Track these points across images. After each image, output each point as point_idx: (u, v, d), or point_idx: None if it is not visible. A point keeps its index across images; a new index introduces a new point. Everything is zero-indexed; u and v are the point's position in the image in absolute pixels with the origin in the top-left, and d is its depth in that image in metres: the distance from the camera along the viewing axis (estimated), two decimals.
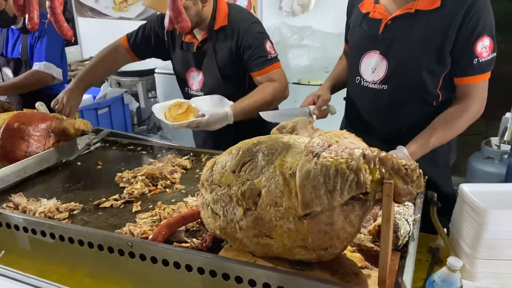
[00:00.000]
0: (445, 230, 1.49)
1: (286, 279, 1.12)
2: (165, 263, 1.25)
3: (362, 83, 1.89)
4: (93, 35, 5.55)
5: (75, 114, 2.30)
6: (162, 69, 4.49)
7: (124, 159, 2.09)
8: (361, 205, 1.09)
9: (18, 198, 1.67)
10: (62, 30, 1.64)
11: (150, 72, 4.72)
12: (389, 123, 1.89)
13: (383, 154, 1.08)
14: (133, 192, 1.71)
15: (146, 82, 4.93)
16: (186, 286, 1.25)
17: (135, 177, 1.82)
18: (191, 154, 2.08)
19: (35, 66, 3.00)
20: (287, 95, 2.31)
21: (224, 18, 2.24)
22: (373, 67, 1.83)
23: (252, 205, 1.18)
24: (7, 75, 3.08)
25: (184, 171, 1.93)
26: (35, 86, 3.02)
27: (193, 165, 1.98)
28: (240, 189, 1.19)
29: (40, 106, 2.30)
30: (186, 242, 1.36)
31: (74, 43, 5.60)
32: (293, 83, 4.11)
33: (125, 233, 1.42)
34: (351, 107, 2.05)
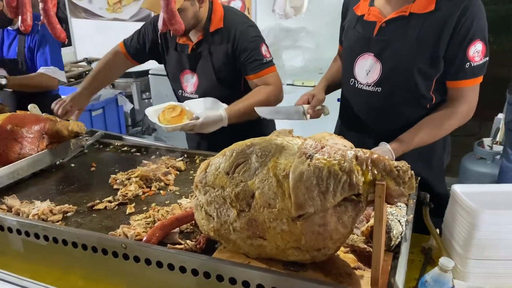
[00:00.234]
0: (438, 230, 1.51)
1: (279, 280, 1.13)
2: (159, 264, 1.25)
3: (356, 85, 1.89)
4: (87, 36, 5.54)
5: (70, 116, 2.29)
6: (156, 71, 4.49)
7: (118, 160, 2.08)
8: (354, 206, 1.10)
9: (11, 200, 1.67)
10: (55, 32, 1.63)
11: (145, 74, 4.71)
12: (383, 125, 1.89)
13: (375, 155, 1.09)
14: (127, 194, 1.71)
15: (141, 83, 4.92)
16: (180, 287, 1.25)
17: (129, 178, 1.82)
18: (185, 155, 2.08)
19: (42, 70, 3.00)
20: (281, 98, 2.31)
21: (220, 20, 2.23)
22: (367, 69, 1.83)
23: (245, 207, 1.18)
24: (2, 75, 3.06)
25: (178, 172, 1.93)
26: (39, 87, 3.02)
27: (187, 167, 1.99)
28: (234, 190, 1.20)
29: (33, 108, 2.29)
30: (180, 244, 1.36)
31: (68, 44, 5.59)
32: (287, 84, 4.12)
33: (119, 235, 1.42)
34: (345, 109, 2.05)
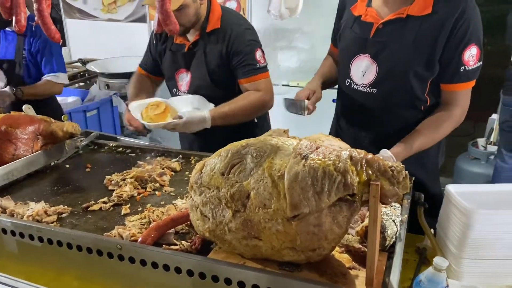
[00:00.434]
0: (432, 230, 1.51)
1: (275, 281, 1.13)
2: (155, 265, 1.25)
3: (352, 86, 1.89)
4: (82, 37, 5.52)
5: (64, 116, 2.28)
6: None
7: (113, 161, 2.08)
8: (349, 206, 1.10)
9: (6, 202, 1.66)
10: (50, 32, 1.63)
11: None
12: (378, 126, 1.90)
13: (370, 156, 1.09)
14: (122, 194, 1.71)
15: None
16: None
17: (124, 179, 1.81)
18: (180, 156, 2.08)
19: (49, 77, 3.00)
20: (271, 105, 2.30)
21: (217, 20, 2.23)
22: (363, 70, 1.84)
23: (241, 207, 1.19)
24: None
25: (173, 173, 1.92)
26: (46, 95, 3.02)
27: (182, 168, 1.98)
28: (229, 191, 1.20)
29: (28, 109, 2.28)
30: (175, 245, 1.36)
31: (63, 45, 5.56)
32: (283, 85, 4.13)
33: (114, 236, 1.42)
34: (341, 109, 2.06)
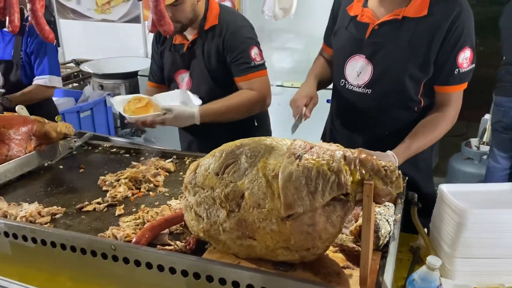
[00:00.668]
0: (426, 230, 1.52)
1: (269, 280, 1.13)
2: (149, 266, 1.25)
3: (346, 86, 1.90)
4: (75, 37, 5.50)
5: (57, 117, 2.28)
6: (145, 72, 4.46)
7: (107, 162, 2.07)
8: (342, 205, 1.11)
9: None
10: (44, 33, 1.63)
11: (134, 75, 4.68)
12: (372, 127, 1.90)
13: (363, 155, 1.10)
14: (116, 195, 1.70)
15: (130, 84, 4.88)
16: None
17: (118, 180, 1.81)
18: (175, 157, 2.07)
19: (38, 81, 2.96)
20: (267, 104, 2.28)
21: (215, 18, 2.21)
22: (358, 71, 1.84)
23: (235, 207, 1.19)
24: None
25: (167, 174, 1.92)
26: (36, 100, 2.98)
27: (176, 168, 1.98)
28: (224, 191, 1.20)
29: (21, 110, 2.26)
30: (169, 245, 1.36)
31: (56, 45, 5.54)
32: (277, 85, 4.13)
33: (108, 237, 1.41)
34: (335, 109, 2.06)
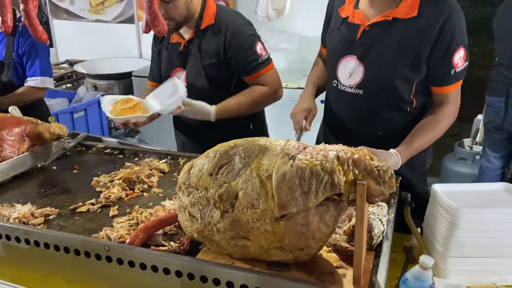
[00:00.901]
0: (419, 230, 1.53)
1: (263, 280, 1.14)
2: (143, 267, 1.25)
3: (339, 87, 1.90)
4: (69, 38, 5.48)
5: (51, 118, 2.27)
6: (139, 72, 4.46)
7: (100, 163, 2.06)
8: (336, 205, 1.11)
9: None
10: (37, 33, 1.62)
11: (128, 75, 4.67)
12: (365, 127, 1.91)
13: (356, 156, 1.10)
14: (110, 196, 1.70)
15: (124, 85, 4.87)
16: None
17: (112, 181, 1.81)
18: (169, 157, 2.07)
19: (30, 82, 2.94)
20: (280, 96, 2.31)
21: (212, 17, 2.22)
22: (350, 72, 1.85)
23: (229, 208, 1.19)
24: None
25: (161, 174, 1.92)
26: (28, 101, 2.96)
27: (170, 169, 1.98)
28: (217, 191, 1.20)
29: (14, 111, 2.25)
30: (163, 246, 1.36)
31: (50, 46, 5.51)
32: None
33: (102, 238, 1.41)
34: (328, 110, 2.07)
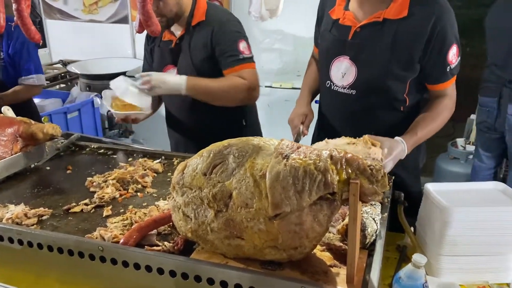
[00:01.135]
0: (412, 228, 1.54)
1: (257, 279, 1.14)
2: (137, 266, 1.25)
3: (332, 87, 1.91)
4: (62, 38, 5.45)
5: (44, 118, 2.26)
6: (133, 72, 4.44)
7: (94, 163, 2.06)
8: (329, 204, 1.12)
9: None
10: (30, 33, 1.62)
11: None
12: (358, 128, 1.91)
13: (350, 155, 1.11)
14: (103, 196, 1.69)
15: None
16: None
17: (105, 181, 1.80)
18: (163, 157, 2.07)
19: (27, 81, 2.93)
20: (255, 97, 2.28)
21: (202, 14, 2.24)
22: (343, 72, 1.85)
23: (223, 207, 1.19)
24: None
25: (155, 174, 1.92)
26: (25, 99, 2.96)
27: (164, 169, 1.98)
28: (211, 191, 1.20)
29: (7, 111, 2.24)
30: (157, 246, 1.36)
31: (43, 46, 5.48)
32: (266, 86, 4.15)
33: (96, 238, 1.41)
34: (322, 111, 2.08)
